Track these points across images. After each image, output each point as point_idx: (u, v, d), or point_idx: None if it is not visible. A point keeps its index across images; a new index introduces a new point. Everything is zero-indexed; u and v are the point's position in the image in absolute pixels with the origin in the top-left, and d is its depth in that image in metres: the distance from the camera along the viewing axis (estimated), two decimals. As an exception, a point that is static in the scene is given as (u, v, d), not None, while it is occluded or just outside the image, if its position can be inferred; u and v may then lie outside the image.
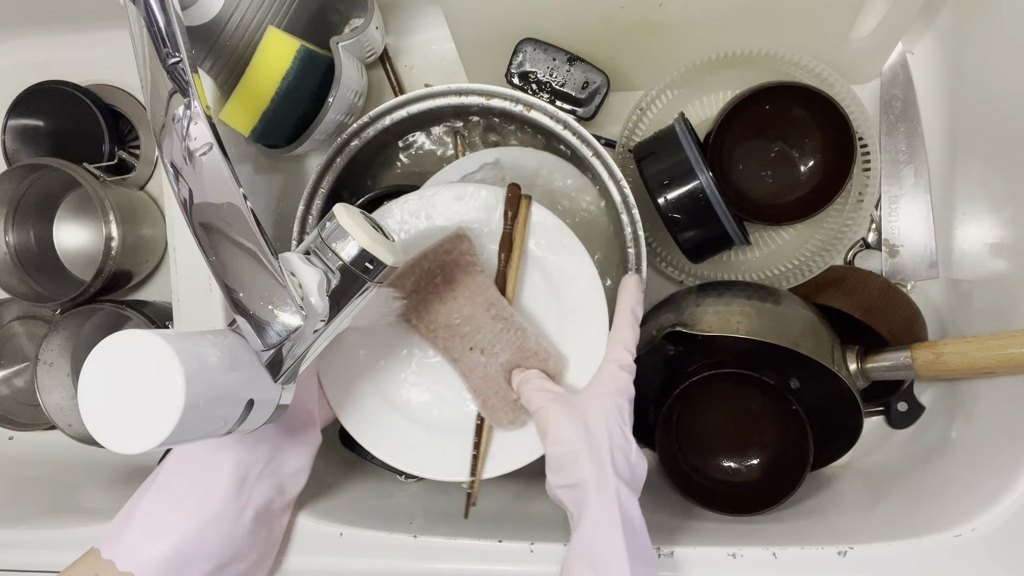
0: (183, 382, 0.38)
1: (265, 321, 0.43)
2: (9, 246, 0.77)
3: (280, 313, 0.43)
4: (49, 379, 0.76)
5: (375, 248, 0.44)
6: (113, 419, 0.38)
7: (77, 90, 0.77)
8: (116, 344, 0.39)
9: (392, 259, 0.45)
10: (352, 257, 0.44)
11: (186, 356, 0.38)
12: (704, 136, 0.66)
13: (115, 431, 0.38)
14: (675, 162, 0.61)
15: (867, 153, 0.64)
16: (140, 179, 0.80)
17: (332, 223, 0.44)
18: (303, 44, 0.61)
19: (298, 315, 0.43)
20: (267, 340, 0.43)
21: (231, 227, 0.42)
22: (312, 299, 0.44)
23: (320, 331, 0.45)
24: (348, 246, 0.44)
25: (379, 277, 0.45)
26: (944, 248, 0.69)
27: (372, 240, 0.44)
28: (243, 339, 0.44)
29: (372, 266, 0.45)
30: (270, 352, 0.44)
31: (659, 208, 0.62)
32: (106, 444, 0.39)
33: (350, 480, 0.70)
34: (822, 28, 0.63)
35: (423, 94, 0.63)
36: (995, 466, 0.56)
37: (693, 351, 0.67)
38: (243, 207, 0.42)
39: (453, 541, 0.57)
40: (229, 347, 0.43)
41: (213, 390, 0.40)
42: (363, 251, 0.44)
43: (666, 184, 0.61)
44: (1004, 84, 0.62)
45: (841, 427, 0.63)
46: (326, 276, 0.45)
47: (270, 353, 0.44)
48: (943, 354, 0.60)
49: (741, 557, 0.55)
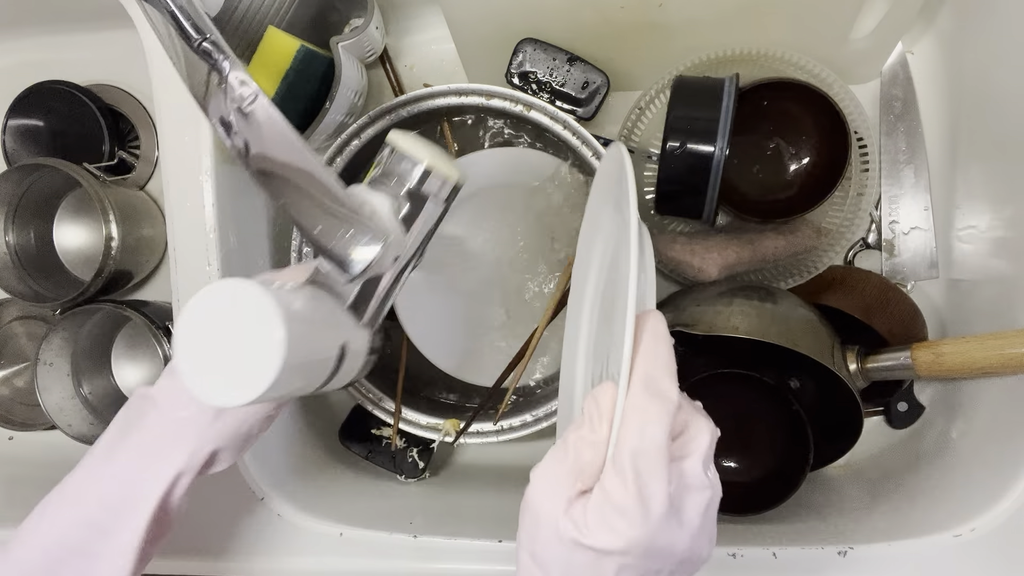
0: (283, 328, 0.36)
1: (346, 252, 0.42)
2: (9, 246, 0.77)
3: (359, 242, 0.42)
4: (49, 379, 0.76)
5: (439, 165, 0.44)
6: (211, 371, 0.37)
7: (77, 90, 0.77)
8: (213, 293, 0.38)
9: (457, 175, 0.45)
10: (417, 179, 0.44)
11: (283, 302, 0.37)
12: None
13: (213, 384, 0.37)
14: (704, 118, 0.59)
15: (866, 153, 0.64)
16: (140, 179, 0.80)
17: (390, 150, 0.45)
18: (303, 44, 0.61)
19: (376, 241, 0.42)
20: (351, 271, 0.42)
21: (294, 167, 0.42)
22: (387, 224, 0.44)
23: (400, 258, 0.45)
24: (412, 169, 0.44)
25: (447, 195, 0.45)
26: (944, 248, 0.69)
27: (435, 158, 0.44)
28: (323, 288, 0.44)
29: (438, 184, 0.45)
30: (354, 292, 0.44)
31: (664, 148, 0.60)
32: (204, 398, 0.37)
33: (350, 480, 0.70)
34: (822, 28, 0.63)
35: (423, 94, 0.63)
36: (995, 466, 0.56)
37: (693, 351, 0.67)
38: (302, 145, 0.42)
39: (453, 541, 0.58)
40: (313, 295, 0.43)
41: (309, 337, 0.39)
42: (427, 170, 0.44)
43: (685, 130, 0.60)
44: (1004, 84, 0.62)
45: (841, 427, 0.63)
46: (395, 203, 0.44)
47: (354, 293, 0.44)
48: (943, 354, 0.60)
49: (741, 557, 0.55)
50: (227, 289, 0.37)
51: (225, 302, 0.37)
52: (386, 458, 0.70)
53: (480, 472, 0.74)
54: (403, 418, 0.67)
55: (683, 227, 0.70)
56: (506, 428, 0.65)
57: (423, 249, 0.47)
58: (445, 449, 0.75)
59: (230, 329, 0.37)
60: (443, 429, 0.66)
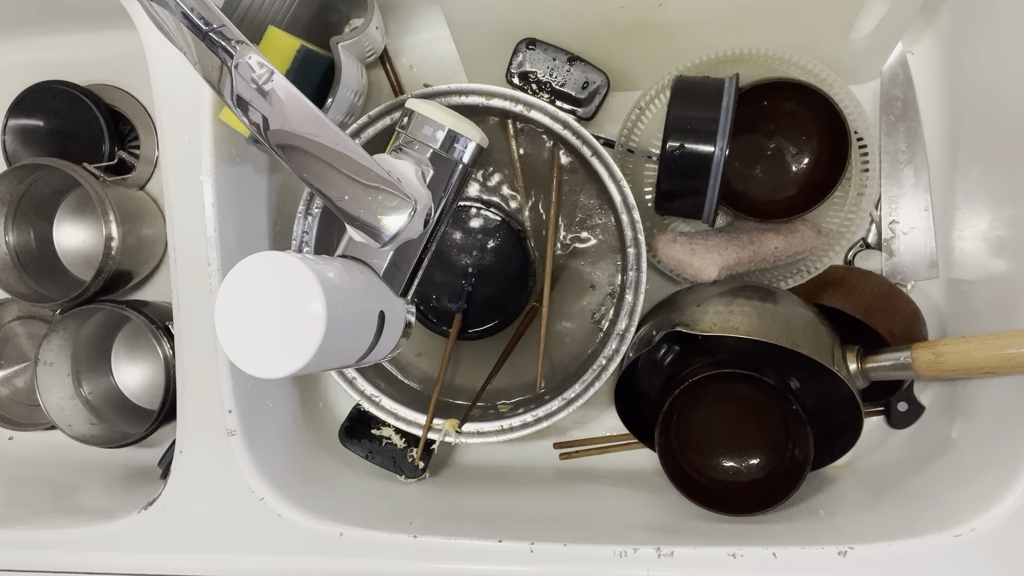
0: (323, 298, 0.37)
1: (375, 219, 0.43)
2: (9, 246, 0.77)
3: (387, 209, 0.43)
4: (49, 379, 0.76)
5: (461, 127, 0.45)
6: (252, 343, 0.37)
7: (77, 90, 0.77)
8: (251, 265, 0.38)
9: (479, 136, 0.46)
10: (440, 141, 0.45)
11: (322, 274, 0.38)
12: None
13: (255, 355, 0.37)
14: (704, 118, 0.59)
15: (866, 153, 0.64)
16: (140, 179, 0.80)
17: (411, 116, 0.45)
18: (303, 44, 0.61)
19: (405, 207, 0.42)
20: (382, 237, 0.43)
21: (316, 138, 0.42)
22: (414, 189, 0.44)
23: (429, 223, 0.46)
24: (434, 132, 0.45)
25: (470, 157, 0.46)
26: (944, 248, 0.69)
27: (456, 120, 0.45)
28: (356, 261, 0.44)
29: (461, 147, 0.45)
30: (386, 261, 0.45)
31: (664, 148, 0.60)
32: (247, 369, 0.37)
33: (350, 480, 0.70)
34: (822, 28, 0.63)
35: (423, 94, 0.63)
36: (995, 466, 0.56)
37: (693, 351, 0.67)
38: (322, 116, 0.42)
39: (453, 541, 0.58)
40: (348, 267, 0.43)
41: (347, 307, 0.39)
42: (450, 132, 0.45)
43: (685, 130, 0.60)
44: (1004, 84, 0.62)
45: (841, 427, 0.63)
46: (420, 168, 0.45)
47: (386, 262, 0.45)
48: (943, 354, 0.60)
49: (741, 557, 0.55)
50: (264, 261, 0.38)
51: (263, 274, 0.38)
52: (386, 458, 0.70)
53: (480, 472, 0.74)
54: (403, 418, 0.67)
55: (683, 227, 0.70)
56: (506, 428, 0.65)
57: (452, 212, 0.48)
58: (445, 449, 0.75)
59: (270, 301, 0.37)
60: (443, 429, 0.66)
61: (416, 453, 0.69)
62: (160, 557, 0.62)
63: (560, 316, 0.69)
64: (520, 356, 0.69)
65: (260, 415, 0.66)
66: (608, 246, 0.69)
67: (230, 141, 0.63)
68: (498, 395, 0.70)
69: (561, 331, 0.70)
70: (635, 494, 0.69)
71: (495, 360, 0.69)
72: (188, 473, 0.63)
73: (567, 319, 0.70)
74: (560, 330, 0.70)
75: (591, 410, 0.73)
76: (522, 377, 0.70)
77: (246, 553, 0.61)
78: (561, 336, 0.70)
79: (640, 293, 0.63)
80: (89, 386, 0.79)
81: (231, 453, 0.62)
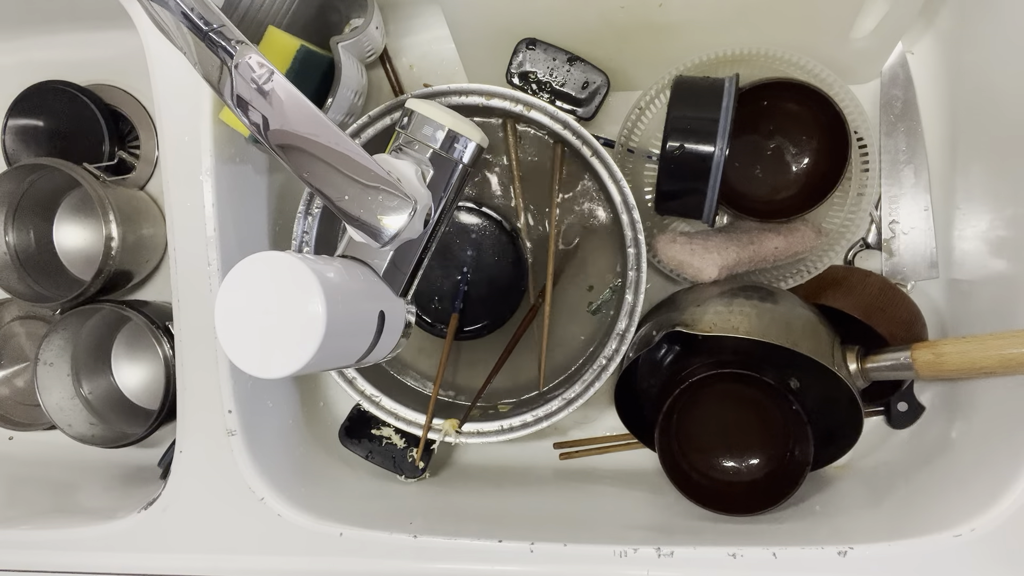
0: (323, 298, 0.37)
1: (375, 219, 0.43)
2: (9, 246, 0.77)
3: (387, 209, 0.43)
4: (49, 379, 0.76)
5: (461, 127, 0.45)
6: (252, 343, 0.37)
7: (77, 90, 0.77)
8: (250, 265, 0.38)
9: (479, 136, 0.46)
10: (440, 141, 0.45)
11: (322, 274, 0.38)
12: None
13: (255, 355, 0.37)
14: (704, 118, 0.59)
15: (866, 153, 0.64)
16: (140, 179, 0.80)
17: (410, 117, 0.45)
18: (303, 44, 0.61)
19: (405, 207, 0.42)
20: (382, 237, 0.43)
21: (316, 137, 0.42)
22: (414, 189, 0.44)
23: (429, 222, 0.46)
24: (434, 132, 0.45)
25: (470, 157, 0.46)
26: (944, 248, 0.69)
27: (455, 120, 0.45)
28: (356, 261, 0.45)
29: (461, 147, 0.46)
30: (386, 261, 0.45)
31: (664, 148, 0.60)
32: (247, 369, 0.37)
33: (350, 480, 0.70)
34: (822, 28, 0.63)
35: (423, 94, 0.63)
36: (995, 466, 0.56)
37: (693, 351, 0.67)
38: (322, 116, 0.42)
39: (453, 541, 0.58)
40: (348, 267, 0.43)
41: (348, 307, 0.39)
42: (450, 132, 0.45)
43: (685, 130, 0.60)
44: (1004, 84, 0.62)
45: (841, 427, 0.63)
46: (420, 168, 0.45)
47: (386, 262, 0.45)
48: (943, 354, 0.60)
49: (741, 557, 0.55)
50: (264, 261, 0.38)
51: (263, 274, 0.38)
52: (386, 458, 0.70)
53: (480, 472, 0.74)
54: (403, 418, 0.67)
55: (683, 227, 0.70)
56: (506, 428, 0.65)
57: (451, 212, 0.48)
58: (445, 449, 0.75)
59: (270, 301, 0.37)
60: (443, 429, 0.66)
61: (416, 453, 0.69)
62: (160, 557, 0.62)
63: (560, 316, 0.70)
64: (520, 356, 0.69)
65: (260, 415, 0.66)
66: (608, 246, 0.69)
67: (230, 141, 0.63)
68: (498, 395, 0.70)
69: (561, 331, 0.70)
70: (635, 494, 0.69)
71: (495, 360, 0.69)
72: (188, 473, 0.63)
73: (567, 319, 0.70)
74: (560, 330, 0.70)
75: (591, 410, 0.73)
76: (522, 377, 0.70)
77: (246, 553, 0.61)
78: (561, 336, 0.70)
79: (640, 293, 0.63)
80: (89, 386, 0.79)
81: (231, 453, 0.62)
